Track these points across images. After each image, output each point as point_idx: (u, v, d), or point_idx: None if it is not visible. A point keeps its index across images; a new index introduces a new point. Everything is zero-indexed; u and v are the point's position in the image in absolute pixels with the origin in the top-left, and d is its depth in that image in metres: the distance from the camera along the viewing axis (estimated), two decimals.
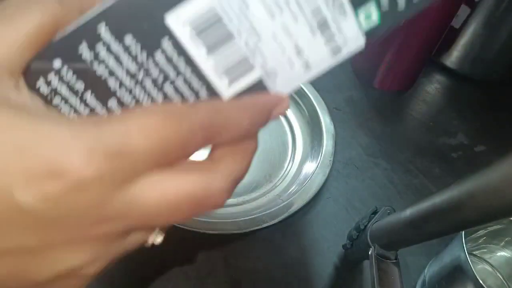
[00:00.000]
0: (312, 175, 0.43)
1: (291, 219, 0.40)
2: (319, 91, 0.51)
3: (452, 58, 0.59)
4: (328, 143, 0.46)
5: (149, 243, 0.16)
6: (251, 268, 0.38)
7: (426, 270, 0.37)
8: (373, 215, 0.35)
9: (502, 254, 0.38)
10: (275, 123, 0.50)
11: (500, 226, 0.36)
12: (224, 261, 0.38)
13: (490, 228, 0.36)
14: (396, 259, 0.31)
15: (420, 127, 0.54)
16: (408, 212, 0.27)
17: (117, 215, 0.12)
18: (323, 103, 0.50)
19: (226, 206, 0.41)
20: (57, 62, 0.14)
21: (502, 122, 0.56)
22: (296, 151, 0.48)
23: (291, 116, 0.51)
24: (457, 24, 0.55)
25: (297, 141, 0.49)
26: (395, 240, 0.30)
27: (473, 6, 0.53)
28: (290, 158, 0.47)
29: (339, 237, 0.40)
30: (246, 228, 0.38)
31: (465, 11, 0.54)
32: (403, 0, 0.14)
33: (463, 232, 0.31)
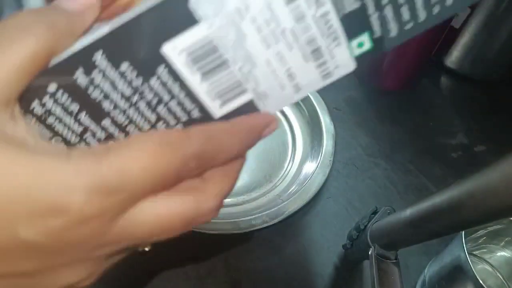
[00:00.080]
0: (312, 175, 0.43)
1: (291, 219, 0.40)
2: (319, 91, 0.51)
3: (452, 58, 0.59)
4: (328, 143, 0.46)
5: (138, 249, 0.16)
6: (251, 268, 0.38)
7: (426, 270, 0.37)
8: (373, 215, 0.35)
9: (502, 254, 0.38)
10: None
11: (500, 226, 0.36)
12: (224, 261, 0.38)
13: (490, 228, 0.36)
14: (396, 259, 0.31)
15: (420, 127, 0.54)
16: (408, 212, 0.27)
17: (115, 240, 0.13)
18: (323, 103, 0.50)
19: (226, 206, 0.41)
20: (52, 86, 0.14)
21: (502, 122, 0.56)
22: (296, 151, 0.48)
23: (291, 116, 0.51)
24: (457, 24, 0.55)
25: (297, 141, 0.49)
26: (395, 240, 0.30)
27: (473, 6, 0.53)
28: (290, 158, 0.47)
29: (339, 237, 0.40)
30: (246, 228, 0.38)
31: (465, 11, 0.54)
32: (395, 28, 0.15)
33: (463, 232, 0.31)
